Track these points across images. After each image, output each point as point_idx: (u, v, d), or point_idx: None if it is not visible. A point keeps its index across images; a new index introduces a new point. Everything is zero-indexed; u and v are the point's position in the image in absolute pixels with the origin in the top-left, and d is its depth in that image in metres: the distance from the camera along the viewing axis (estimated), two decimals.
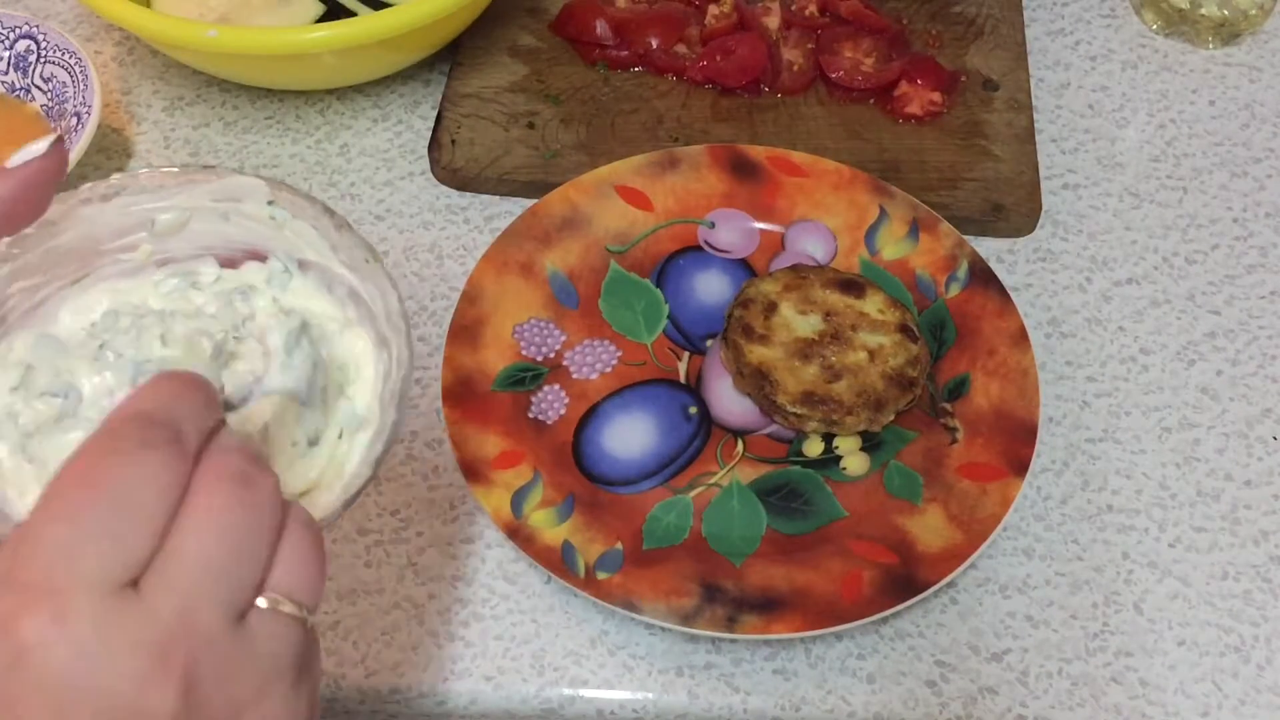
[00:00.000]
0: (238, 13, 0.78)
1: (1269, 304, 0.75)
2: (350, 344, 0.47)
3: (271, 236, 0.48)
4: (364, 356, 0.47)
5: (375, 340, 0.47)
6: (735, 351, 0.68)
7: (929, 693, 0.62)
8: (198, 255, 0.48)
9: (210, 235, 0.48)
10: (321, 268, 0.48)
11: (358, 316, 0.48)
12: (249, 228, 0.48)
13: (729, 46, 0.83)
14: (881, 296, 0.69)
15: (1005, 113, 0.82)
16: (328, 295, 0.48)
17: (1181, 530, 0.67)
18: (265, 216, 0.48)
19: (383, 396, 0.46)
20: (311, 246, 0.48)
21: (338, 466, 0.45)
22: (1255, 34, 0.89)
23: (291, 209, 0.48)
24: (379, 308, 0.47)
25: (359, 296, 0.48)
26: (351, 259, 0.47)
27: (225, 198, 0.47)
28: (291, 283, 0.48)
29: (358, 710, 0.62)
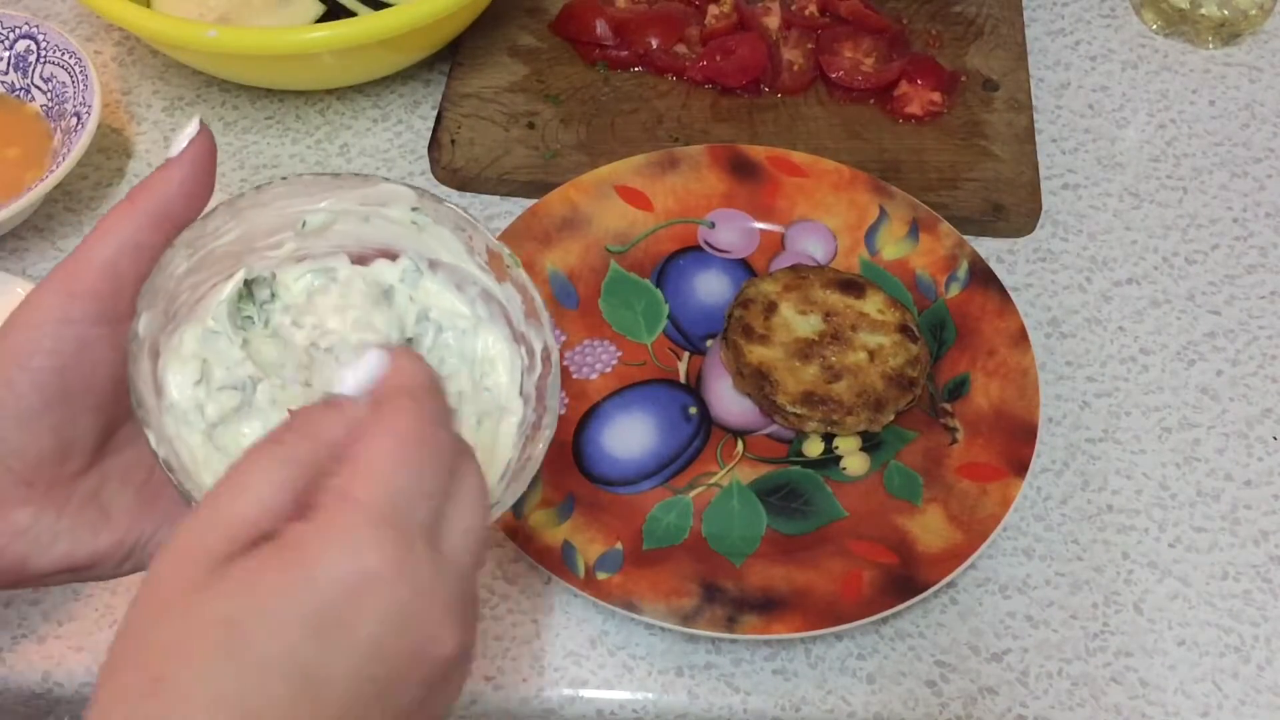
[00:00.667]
0: (238, 13, 0.78)
1: (1269, 304, 0.75)
2: (482, 340, 0.50)
3: (407, 237, 0.50)
4: (499, 350, 0.50)
5: (509, 337, 0.50)
6: (735, 351, 0.68)
7: (929, 693, 0.62)
8: (332, 253, 0.50)
9: (348, 236, 0.50)
10: (453, 268, 0.50)
11: (488, 315, 0.50)
12: (387, 229, 0.50)
13: (729, 46, 0.83)
14: (881, 297, 0.69)
15: (1005, 113, 0.82)
16: (458, 294, 0.51)
17: (1181, 530, 0.67)
18: (407, 221, 0.50)
19: (524, 389, 0.49)
20: (447, 249, 0.50)
21: (485, 452, 0.47)
22: (1255, 34, 0.89)
23: (434, 215, 0.50)
24: (515, 307, 0.50)
25: (492, 296, 0.50)
26: (488, 260, 0.50)
27: (372, 203, 0.49)
28: (422, 280, 0.50)
29: None
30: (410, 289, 0.50)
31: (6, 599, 0.63)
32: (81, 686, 0.61)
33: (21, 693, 0.61)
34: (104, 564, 0.44)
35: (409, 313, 0.50)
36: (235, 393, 0.45)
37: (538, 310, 0.50)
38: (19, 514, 0.43)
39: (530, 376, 0.50)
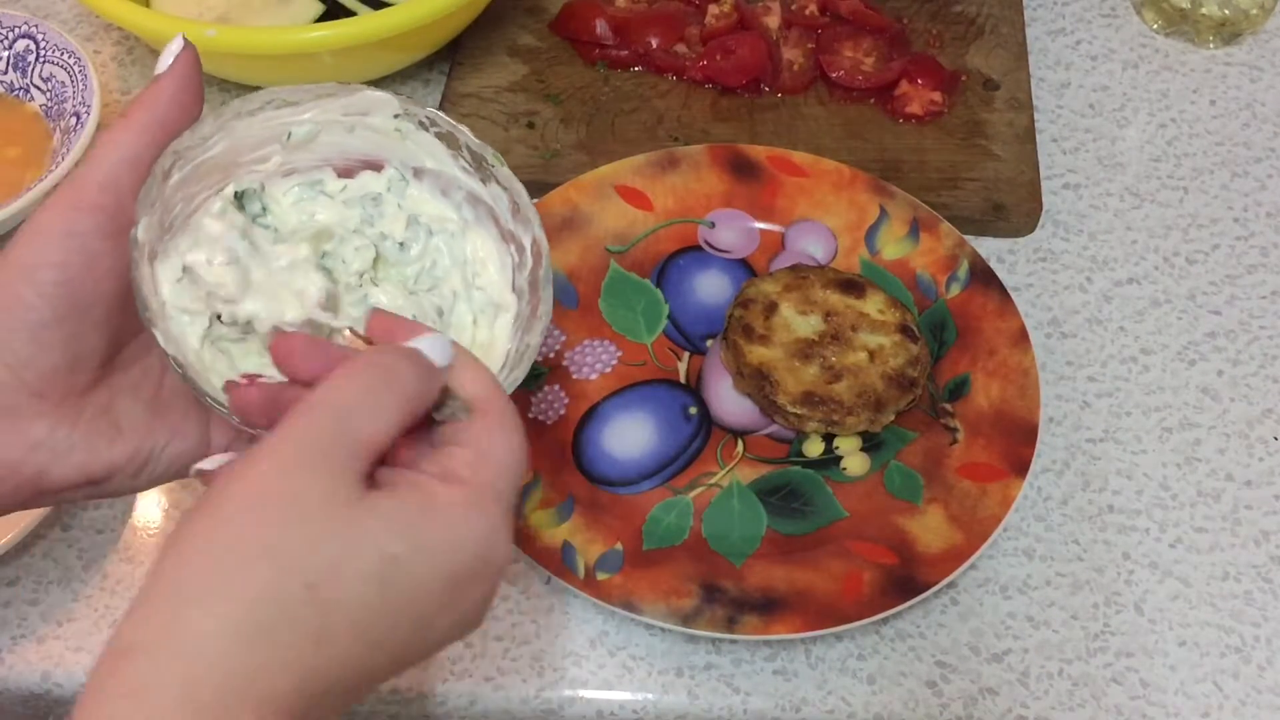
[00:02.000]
0: (237, 12, 0.78)
1: (1270, 304, 0.75)
2: (471, 242, 0.52)
3: (391, 147, 0.52)
4: (488, 250, 0.51)
5: (498, 237, 0.51)
6: (735, 352, 0.68)
7: (929, 693, 0.61)
8: (318, 166, 0.51)
9: (333, 148, 0.51)
10: (437, 174, 0.52)
11: (475, 217, 0.52)
12: (371, 139, 0.51)
13: (729, 46, 0.83)
14: (882, 297, 0.69)
15: (1006, 112, 0.81)
16: (444, 200, 0.52)
17: (1182, 531, 0.67)
18: (390, 129, 0.51)
19: (516, 285, 0.51)
20: (431, 155, 0.51)
21: (484, 348, 0.50)
22: (1256, 34, 0.89)
23: (417, 122, 0.51)
24: (503, 206, 0.51)
25: (478, 199, 0.52)
26: (472, 163, 0.51)
27: (355, 111, 0.50)
28: (408, 189, 0.52)
29: (357, 710, 0.62)
30: (398, 198, 0.52)
31: (6, 599, 0.63)
32: (81, 686, 0.61)
33: (21, 693, 0.61)
34: (119, 475, 0.45)
35: (399, 219, 0.51)
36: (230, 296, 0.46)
37: (524, 207, 0.51)
38: (35, 426, 0.44)
39: (521, 273, 0.51)
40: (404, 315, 0.47)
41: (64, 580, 0.64)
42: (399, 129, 0.51)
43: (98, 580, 0.64)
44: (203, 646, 0.35)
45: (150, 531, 0.65)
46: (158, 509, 0.66)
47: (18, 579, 0.64)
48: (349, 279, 0.50)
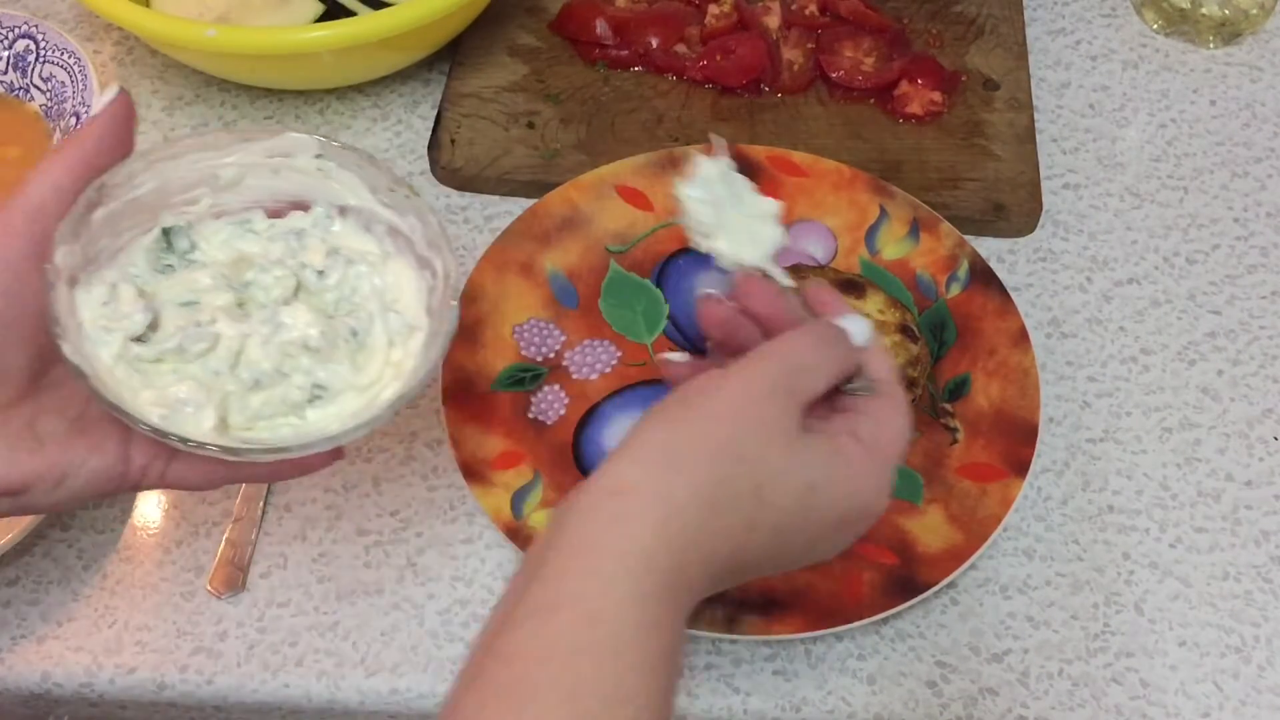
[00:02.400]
0: (237, 12, 0.78)
1: (1270, 304, 0.75)
2: (391, 271, 0.55)
3: (316, 186, 0.55)
4: (405, 279, 0.55)
5: (415, 264, 0.55)
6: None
7: (929, 693, 0.61)
8: (248, 208, 0.55)
9: (260, 189, 0.54)
10: (360, 210, 0.55)
11: (395, 248, 0.55)
12: (296, 180, 0.55)
13: (729, 46, 0.83)
14: (881, 297, 0.69)
15: (1006, 112, 0.81)
16: (366, 234, 0.56)
17: (1182, 531, 0.67)
18: (313, 169, 0.54)
19: (430, 306, 0.54)
20: (353, 193, 0.55)
21: (395, 367, 0.53)
22: (1256, 33, 0.89)
23: (338, 160, 0.54)
24: (418, 235, 0.54)
25: (397, 230, 0.55)
26: (391, 198, 0.54)
27: (278, 154, 0.54)
28: (333, 226, 0.55)
29: (358, 710, 0.62)
30: (323, 234, 0.55)
31: (6, 599, 0.63)
32: (81, 686, 0.61)
33: (21, 693, 0.61)
34: (38, 487, 0.48)
35: (319, 250, 0.55)
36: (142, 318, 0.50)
37: (436, 235, 0.54)
38: None
39: (434, 295, 0.54)
40: (319, 337, 0.52)
41: (64, 580, 0.64)
42: (321, 168, 0.54)
43: (98, 580, 0.64)
44: (678, 501, 0.45)
45: (150, 531, 0.65)
46: (158, 509, 0.66)
47: (18, 579, 0.64)
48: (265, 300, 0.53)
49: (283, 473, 0.53)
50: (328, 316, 0.53)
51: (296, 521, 0.66)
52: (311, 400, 0.52)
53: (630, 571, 0.43)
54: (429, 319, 0.54)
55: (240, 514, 0.65)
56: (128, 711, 0.63)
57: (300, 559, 0.65)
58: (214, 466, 0.51)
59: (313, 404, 0.52)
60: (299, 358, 0.52)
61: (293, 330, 0.52)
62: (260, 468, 0.51)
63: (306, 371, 0.52)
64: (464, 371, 0.67)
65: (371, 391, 0.52)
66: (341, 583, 0.64)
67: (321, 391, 0.52)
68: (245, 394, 0.51)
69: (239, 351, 0.51)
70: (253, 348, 0.51)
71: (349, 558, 0.65)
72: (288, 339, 0.52)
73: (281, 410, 0.51)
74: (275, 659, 0.62)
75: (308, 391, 0.52)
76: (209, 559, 0.64)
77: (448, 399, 0.66)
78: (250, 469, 0.51)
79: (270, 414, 0.51)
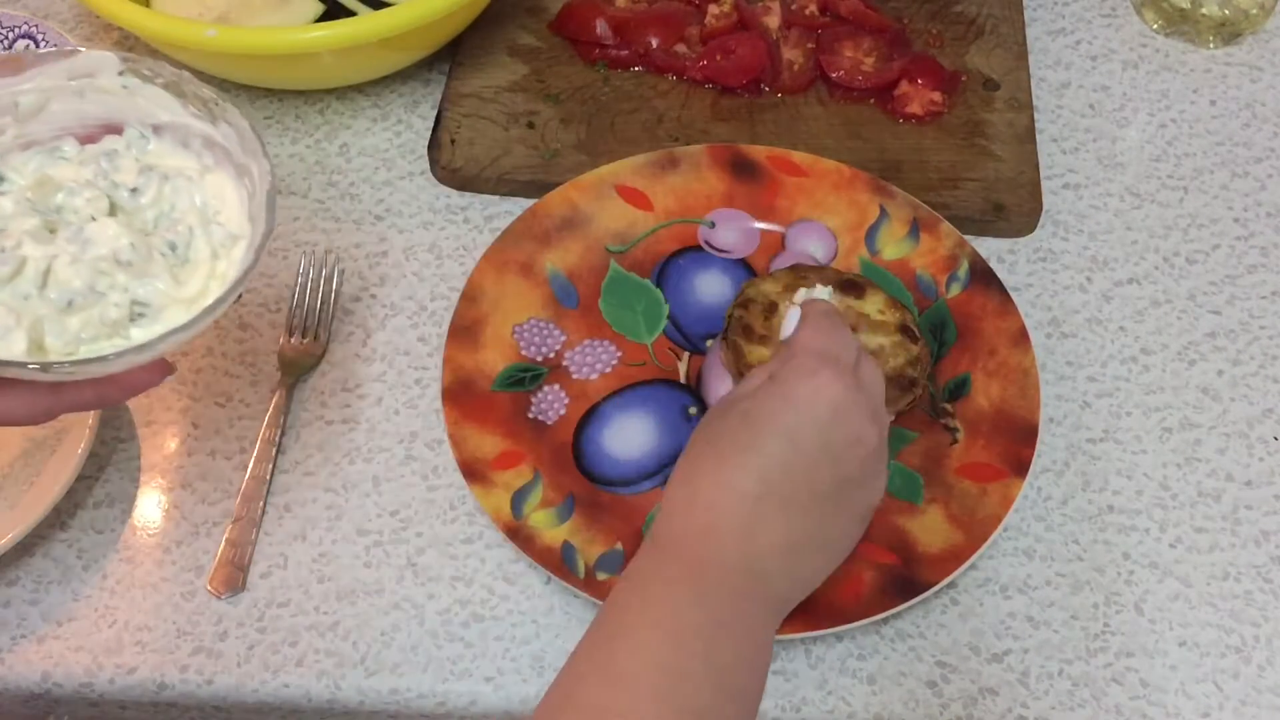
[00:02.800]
0: (237, 12, 0.78)
1: (1270, 304, 0.75)
2: (211, 184, 0.55)
3: (125, 106, 0.54)
4: (225, 190, 0.55)
5: (234, 173, 0.55)
6: (736, 353, 0.67)
7: (929, 693, 0.61)
8: (58, 136, 0.54)
9: (68, 115, 0.54)
10: (174, 126, 0.55)
11: (214, 161, 0.55)
12: (104, 101, 0.54)
13: (729, 46, 0.83)
14: (882, 297, 0.69)
15: (1006, 112, 0.81)
16: (184, 151, 0.55)
17: (1182, 531, 0.67)
18: (118, 87, 0.54)
19: (251, 213, 0.54)
20: (164, 108, 0.54)
21: (221, 279, 0.53)
22: (1256, 33, 0.89)
23: (142, 76, 0.53)
24: (234, 143, 0.54)
25: (214, 142, 0.55)
26: (202, 109, 0.54)
27: (80, 74, 0.53)
28: (149, 146, 0.55)
29: (358, 710, 0.62)
30: (138, 154, 0.55)
31: (6, 599, 0.63)
32: (81, 686, 0.61)
33: (21, 693, 0.61)
34: None
35: (132, 170, 0.54)
36: None
37: (249, 139, 0.53)
38: None
39: (254, 201, 0.54)
40: (129, 249, 0.52)
41: (64, 580, 0.64)
42: (126, 85, 0.54)
43: (98, 580, 0.64)
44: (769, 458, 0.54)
45: (150, 531, 0.65)
46: (158, 509, 0.66)
47: (18, 579, 0.64)
48: (73, 220, 0.52)
49: (110, 396, 0.52)
50: (144, 234, 0.53)
51: (296, 521, 0.66)
52: (134, 319, 0.51)
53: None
54: (251, 226, 0.53)
55: (240, 514, 0.65)
56: (128, 711, 0.63)
57: (300, 559, 0.65)
58: (38, 396, 0.49)
59: (136, 323, 0.51)
60: (113, 275, 0.51)
61: (100, 246, 0.51)
62: (86, 392, 0.50)
63: (123, 289, 0.51)
64: (464, 371, 0.67)
65: (198, 305, 0.52)
66: (341, 582, 0.64)
67: (144, 309, 0.51)
68: (60, 316, 0.50)
69: (46, 272, 0.50)
70: (61, 267, 0.51)
71: (349, 557, 0.65)
72: (97, 255, 0.51)
73: (103, 331, 0.51)
74: (275, 659, 0.62)
75: (127, 309, 0.51)
76: (209, 559, 0.64)
77: (447, 399, 0.66)
78: (75, 394, 0.50)
79: (92, 336, 0.50)
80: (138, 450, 0.68)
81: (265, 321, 0.73)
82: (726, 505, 0.54)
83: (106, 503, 0.66)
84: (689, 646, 0.50)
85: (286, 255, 0.75)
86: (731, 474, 0.54)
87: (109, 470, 0.67)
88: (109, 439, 0.68)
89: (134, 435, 0.68)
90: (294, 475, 0.67)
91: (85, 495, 0.66)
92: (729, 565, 0.53)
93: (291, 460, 0.68)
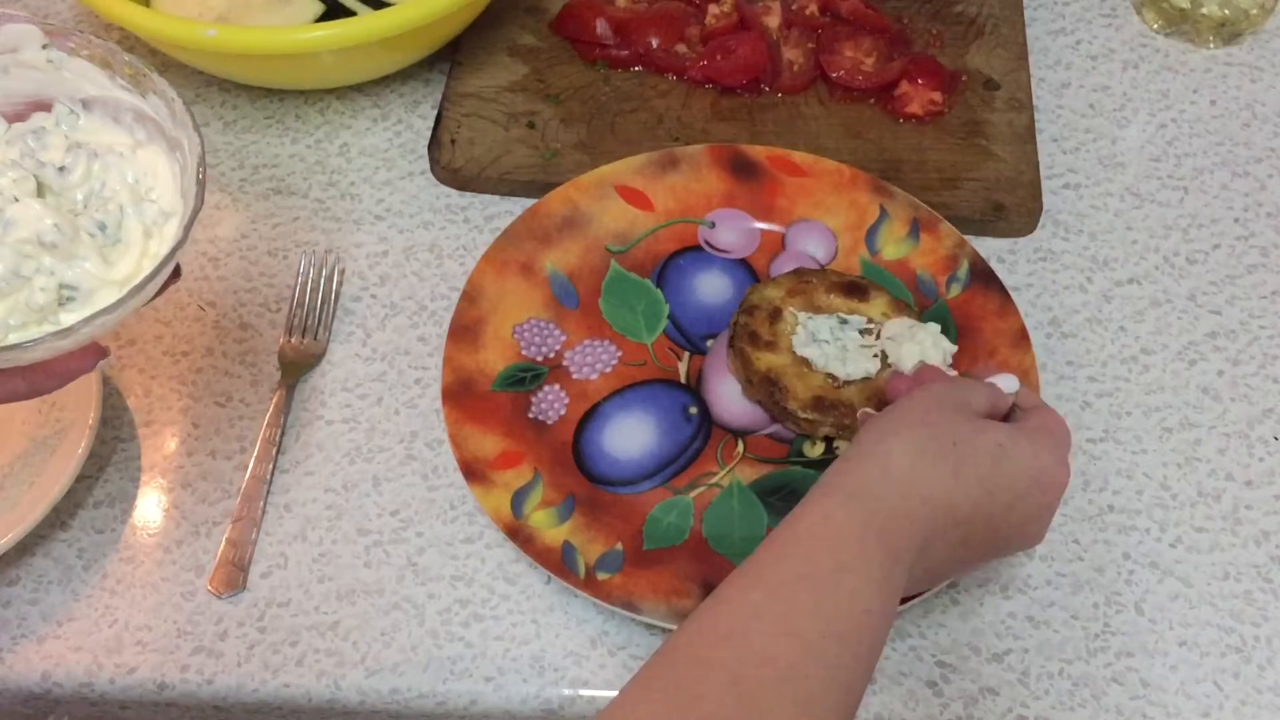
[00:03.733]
0: (237, 12, 0.78)
1: (1270, 304, 0.75)
2: (143, 160, 0.53)
3: (52, 82, 0.53)
4: (158, 164, 0.53)
5: (167, 147, 0.53)
6: (742, 359, 0.67)
7: (930, 693, 0.61)
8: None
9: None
10: (105, 100, 0.53)
11: (147, 135, 0.53)
12: (30, 77, 0.52)
13: (729, 46, 0.83)
14: (885, 299, 0.69)
15: (1006, 112, 0.81)
16: (115, 126, 0.54)
17: (1183, 531, 0.67)
18: (43, 62, 0.52)
19: (184, 188, 0.52)
20: (92, 82, 0.53)
21: (154, 258, 0.51)
22: (1256, 33, 0.89)
23: (68, 50, 0.52)
24: (164, 116, 0.52)
25: (145, 115, 0.53)
26: (130, 81, 0.52)
27: (3, 50, 0.51)
28: (79, 122, 0.53)
29: (358, 710, 0.62)
30: (68, 130, 0.53)
31: (6, 599, 0.63)
32: (81, 686, 0.61)
33: (21, 693, 0.61)
34: None
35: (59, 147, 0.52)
36: None
37: (180, 111, 0.52)
38: None
39: (187, 176, 0.52)
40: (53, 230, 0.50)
41: (64, 580, 0.64)
42: (51, 59, 0.52)
43: (98, 580, 0.64)
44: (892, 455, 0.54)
45: (150, 531, 0.65)
46: (158, 509, 0.66)
47: (18, 579, 0.64)
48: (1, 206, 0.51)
49: (43, 384, 0.51)
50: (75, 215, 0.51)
51: (297, 521, 0.66)
52: (64, 303, 0.49)
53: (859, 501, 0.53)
54: (183, 202, 0.52)
55: (240, 514, 0.65)
56: (128, 711, 0.63)
57: (300, 559, 0.65)
58: None
59: (65, 306, 0.49)
60: (38, 258, 0.49)
61: (22, 228, 0.49)
62: (17, 381, 0.49)
63: (49, 272, 0.49)
64: (464, 371, 0.67)
65: (130, 286, 0.50)
66: (342, 582, 0.64)
67: (73, 292, 0.50)
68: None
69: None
70: None
71: (349, 557, 0.65)
72: (19, 238, 0.49)
73: (32, 317, 0.49)
74: (275, 659, 0.62)
75: (54, 293, 0.49)
76: (209, 559, 0.64)
77: (447, 399, 0.66)
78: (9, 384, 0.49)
79: (20, 323, 0.49)
80: (138, 450, 0.68)
81: (265, 321, 0.73)
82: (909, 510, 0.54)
83: (106, 503, 0.66)
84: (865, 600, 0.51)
85: (286, 255, 0.75)
86: (925, 487, 0.54)
87: (109, 470, 0.67)
88: (109, 439, 0.68)
89: (134, 435, 0.68)
90: (294, 475, 0.67)
91: (85, 495, 0.66)
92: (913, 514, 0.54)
93: (292, 460, 0.68)
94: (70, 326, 0.47)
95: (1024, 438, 0.57)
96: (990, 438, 0.56)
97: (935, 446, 0.55)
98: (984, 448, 0.56)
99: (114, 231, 0.51)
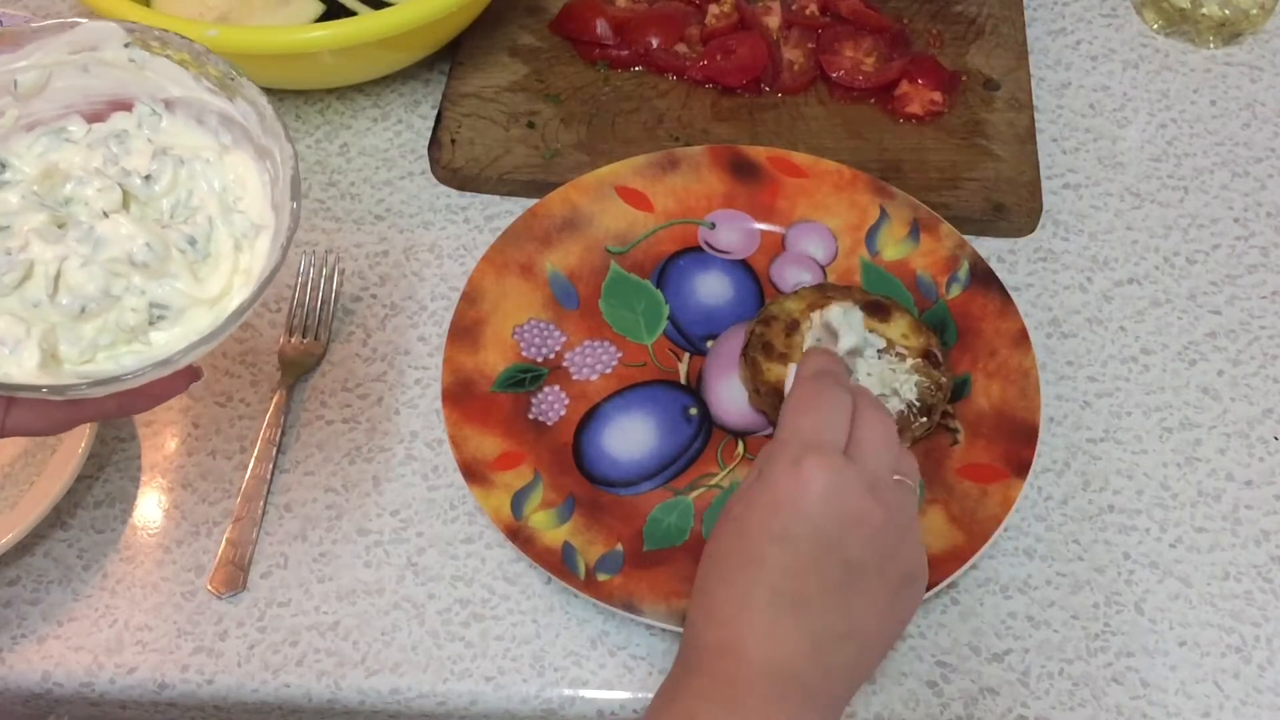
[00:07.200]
0: (237, 12, 0.78)
1: (1270, 304, 0.75)
2: (231, 166, 0.50)
3: (134, 81, 0.50)
4: (246, 173, 0.50)
5: (255, 155, 0.50)
6: (753, 369, 0.67)
7: (930, 693, 0.61)
8: (63, 115, 0.50)
9: (73, 92, 0.50)
10: (189, 101, 0.50)
11: (233, 140, 0.51)
12: (110, 75, 0.50)
13: (729, 46, 0.83)
14: (907, 321, 0.68)
15: (1006, 112, 0.81)
16: (200, 128, 0.51)
17: (1183, 530, 0.67)
18: (125, 60, 0.49)
19: (274, 200, 0.49)
20: (175, 82, 0.50)
21: (245, 274, 0.49)
22: (1256, 33, 0.89)
23: (150, 49, 0.49)
24: (253, 122, 0.49)
25: (232, 119, 0.50)
26: (217, 83, 0.49)
27: (83, 47, 0.49)
28: (161, 124, 0.51)
29: (358, 710, 0.62)
30: (150, 133, 0.50)
31: (6, 599, 0.63)
32: (81, 686, 0.61)
33: (21, 693, 0.61)
34: None
35: (145, 154, 0.50)
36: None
37: (270, 118, 0.49)
38: None
39: (277, 188, 0.49)
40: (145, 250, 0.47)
41: (64, 580, 0.64)
42: (133, 59, 0.49)
43: (98, 580, 0.64)
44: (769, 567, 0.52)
45: (151, 531, 0.65)
46: (158, 509, 0.66)
47: (18, 579, 0.64)
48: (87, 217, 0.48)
49: (133, 406, 0.49)
50: (162, 226, 0.48)
51: (297, 521, 0.66)
52: (154, 322, 0.47)
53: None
54: (275, 215, 0.49)
55: (241, 514, 0.65)
56: (128, 711, 0.63)
57: (301, 558, 0.65)
58: (53, 408, 0.46)
59: (156, 326, 0.47)
60: (129, 277, 0.47)
61: (113, 246, 0.47)
62: (107, 403, 0.47)
63: (140, 291, 0.47)
64: (464, 372, 0.67)
65: (222, 305, 0.48)
66: (342, 582, 0.64)
67: (163, 311, 0.47)
68: (73, 323, 0.46)
69: (56, 276, 0.46)
70: (72, 271, 0.46)
71: (349, 557, 0.65)
72: (109, 256, 0.47)
73: (121, 337, 0.47)
74: (276, 659, 0.62)
75: (145, 313, 0.47)
76: (209, 558, 0.64)
77: (447, 399, 0.66)
78: (96, 406, 0.47)
79: (109, 342, 0.47)
80: (138, 450, 0.68)
81: (265, 321, 0.73)
82: (741, 620, 0.52)
83: (107, 502, 0.66)
84: None
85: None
86: (740, 589, 0.52)
87: (109, 470, 0.67)
88: (109, 439, 0.68)
89: (134, 435, 0.68)
90: (294, 475, 0.67)
91: (85, 495, 0.66)
92: (755, 675, 0.51)
93: (292, 460, 0.68)
94: (170, 357, 0.45)
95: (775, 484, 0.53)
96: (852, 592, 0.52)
97: (795, 618, 0.51)
98: (836, 605, 0.52)
99: (204, 246, 0.49)
